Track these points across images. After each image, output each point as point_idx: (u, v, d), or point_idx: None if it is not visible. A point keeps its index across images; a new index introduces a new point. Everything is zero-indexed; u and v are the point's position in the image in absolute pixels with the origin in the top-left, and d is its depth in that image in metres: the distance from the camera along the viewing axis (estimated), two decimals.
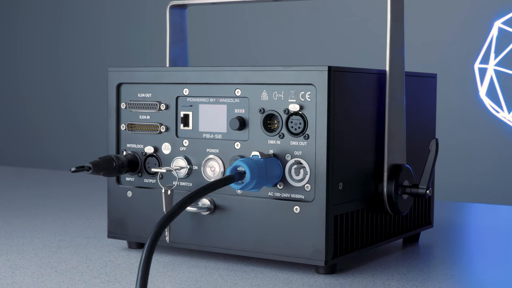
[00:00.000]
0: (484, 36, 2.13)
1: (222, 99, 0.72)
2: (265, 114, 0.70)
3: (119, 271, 0.69)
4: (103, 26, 2.61)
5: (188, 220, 0.73)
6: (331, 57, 2.32)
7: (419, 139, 0.80)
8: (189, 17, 0.85)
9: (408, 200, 0.75)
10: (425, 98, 0.83)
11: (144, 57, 2.55)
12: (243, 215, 0.71)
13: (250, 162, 0.66)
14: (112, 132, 0.78)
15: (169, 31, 0.85)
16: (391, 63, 0.72)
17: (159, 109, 0.75)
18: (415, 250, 0.80)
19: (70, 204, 1.07)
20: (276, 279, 0.67)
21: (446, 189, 2.05)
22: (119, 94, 0.77)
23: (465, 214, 1.09)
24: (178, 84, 0.74)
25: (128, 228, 0.77)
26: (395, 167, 0.73)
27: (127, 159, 0.76)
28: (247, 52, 2.44)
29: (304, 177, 0.68)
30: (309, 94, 0.67)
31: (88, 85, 2.64)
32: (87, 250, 0.78)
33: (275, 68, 0.69)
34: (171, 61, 0.85)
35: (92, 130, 2.59)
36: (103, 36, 2.61)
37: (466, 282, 0.68)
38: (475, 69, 2.13)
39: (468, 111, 2.18)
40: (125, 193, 0.77)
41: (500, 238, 0.89)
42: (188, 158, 0.74)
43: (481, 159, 2.18)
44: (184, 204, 0.61)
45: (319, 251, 0.67)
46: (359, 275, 0.69)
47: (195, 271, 0.70)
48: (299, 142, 0.68)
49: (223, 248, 0.72)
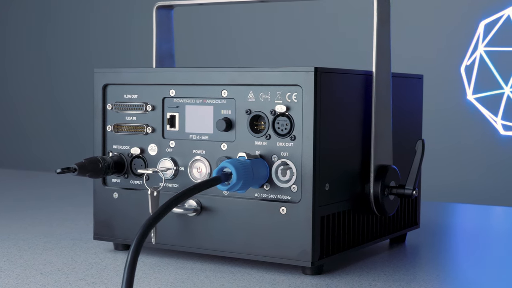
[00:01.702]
0: (470, 37, 2.14)
1: (209, 100, 0.72)
2: (252, 115, 0.70)
3: (105, 273, 0.69)
4: (91, 27, 2.61)
5: (175, 222, 0.73)
6: (318, 58, 2.32)
7: (405, 140, 0.80)
8: (176, 18, 0.85)
9: (395, 200, 0.75)
10: (412, 99, 0.83)
11: (131, 57, 2.54)
12: (230, 216, 0.70)
13: (237, 163, 0.66)
14: (98, 133, 0.77)
15: (156, 32, 0.85)
16: (377, 64, 0.72)
17: (145, 110, 0.75)
18: (402, 251, 0.80)
19: (56, 206, 1.07)
20: (263, 280, 0.67)
21: (433, 189, 2.06)
22: (105, 95, 0.77)
23: (451, 214, 1.09)
24: (164, 85, 0.74)
25: (114, 229, 0.76)
26: (382, 168, 0.73)
27: (113, 160, 0.75)
28: (233, 53, 2.44)
29: (291, 178, 0.68)
30: (296, 95, 0.67)
31: (75, 86, 2.63)
32: (73, 252, 0.78)
33: (262, 69, 0.69)
34: (158, 62, 0.85)
35: (79, 131, 2.58)
36: (90, 37, 2.60)
37: (452, 282, 0.68)
38: (461, 70, 2.13)
39: (455, 112, 2.19)
40: (111, 194, 0.77)
41: (486, 239, 0.89)
42: (174, 159, 0.73)
43: (467, 160, 2.19)
44: (170, 206, 0.61)
45: (305, 252, 0.67)
46: (346, 275, 0.69)
47: (181, 273, 0.69)
48: (285, 143, 0.68)
49: (209, 249, 0.72)
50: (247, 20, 2.42)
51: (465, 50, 2.13)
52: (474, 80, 2.10)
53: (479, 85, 2.11)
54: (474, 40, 2.10)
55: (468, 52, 2.10)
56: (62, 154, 2.62)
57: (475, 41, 2.10)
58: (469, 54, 2.09)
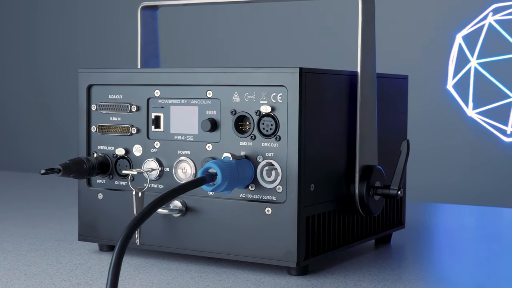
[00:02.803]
0: (453, 37, 2.14)
1: (194, 100, 0.72)
2: (237, 115, 0.69)
3: (89, 274, 0.69)
4: (78, 27, 2.60)
5: (160, 222, 0.73)
6: (303, 59, 2.32)
7: (390, 141, 0.80)
8: (161, 18, 0.85)
9: (380, 201, 0.75)
10: (397, 99, 0.83)
11: (116, 58, 2.54)
12: (215, 217, 0.70)
13: (222, 164, 0.66)
14: (82, 134, 0.77)
15: (141, 32, 0.85)
16: (362, 65, 0.73)
17: (130, 110, 0.75)
18: (387, 251, 0.80)
19: (41, 207, 1.06)
20: (248, 280, 0.67)
21: (418, 190, 2.06)
22: (89, 95, 0.77)
23: (436, 214, 1.09)
24: (149, 85, 0.74)
25: (99, 230, 0.76)
26: (367, 168, 0.73)
27: (98, 161, 0.75)
28: (219, 53, 2.44)
29: (276, 178, 0.68)
30: (281, 96, 0.67)
31: (61, 86, 2.62)
32: (57, 253, 0.77)
33: (247, 70, 0.69)
34: (143, 62, 0.85)
35: (66, 131, 2.58)
36: (78, 37, 2.59)
37: (437, 282, 0.68)
38: (448, 70, 2.14)
39: (440, 112, 2.19)
40: (96, 195, 0.76)
41: (471, 238, 0.89)
42: (159, 160, 0.73)
43: (452, 160, 2.20)
44: (155, 206, 0.61)
45: (291, 252, 0.67)
46: (331, 276, 0.69)
47: (166, 274, 0.69)
48: (270, 144, 0.68)
49: (194, 250, 0.71)
50: (232, 20, 2.42)
51: (448, 51, 2.13)
52: (453, 70, 2.11)
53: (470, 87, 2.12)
54: (456, 45, 2.11)
55: (452, 51, 2.11)
56: (48, 154, 2.61)
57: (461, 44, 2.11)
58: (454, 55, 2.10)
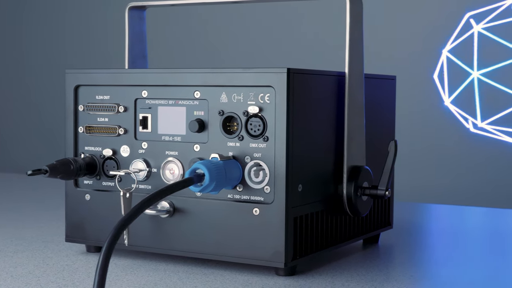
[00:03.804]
0: (446, 38, 2.15)
1: (181, 101, 0.72)
2: (225, 116, 0.69)
3: (76, 275, 0.68)
4: (66, 27, 2.59)
5: (147, 223, 0.72)
6: (290, 59, 2.32)
7: (378, 141, 0.80)
8: (149, 18, 0.85)
9: (368, 201, 0.75)
10: (385, 100, 0.83)
11: (103, 58, 2.53)
12: (203, 218, 0.70)
13: (209, 164, 0.66)
14: (69, 135, 0.77)
15: (128, 32, 0.85)
16: (350, 65, 0.73)
17: (117, 111, 0.74)
18: (375, 251, 0.80)
19: (28, 208, 1.06)
20: (236, 281, 0.67)
21: (406, 190, 2.07)
22: (76, 96, 0.77)
23: (424, 215, 1.10)
24: (136, 86, 0.73)
25: (86, 231, 0.76)
26: (355, 168, 0.73)
27: (85, 162, 0.75)
28: (206, 54, 2.44)
29: (264, 179, 0.68)
30: (268, 96, 0.67)
31: (49, 86, 2.61)
32: (44, 254, 0.77)
33: (234, 70, 0.69)
34: (130, 63, 0.85)
35: (53, 132, 2.57)
36: (66, 37, 2.58)
37: (425, 282, 0.68)
38: (435, 70, 2.14)
39: (427, 113, 2.20)
40: (83, 196, 0.76)
41: (459, 238, 0.90)
42: (147, 161, 0.73)
43: (440, 160, 2.21)
44: (142, 207, 0.61)
45: (278, 253, 0.67)
46: (319, 276, 0.69)
47: (154, 275, 0.69)
48: (258, 144, 0.68)
49: (182, 251, 0.71)
50: (220, 21, 2.41)
51: (439, 52, 2.14)
52: (447, 85, 2.11)
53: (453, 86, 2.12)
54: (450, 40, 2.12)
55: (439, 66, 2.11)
56: (36, 155, 2.61)
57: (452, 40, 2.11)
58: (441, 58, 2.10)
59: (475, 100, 2.05)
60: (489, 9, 2.00)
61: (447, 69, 2.05)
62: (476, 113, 2.07)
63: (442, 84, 2.07)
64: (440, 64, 2.08)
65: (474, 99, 2.04)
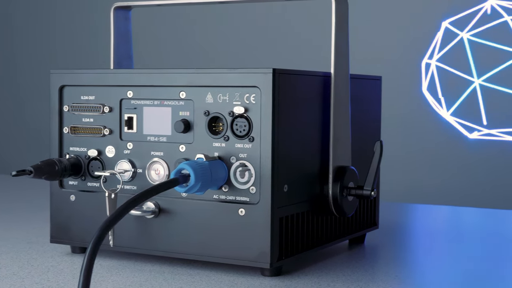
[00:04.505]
0: (429, 39, 2.16)
1: (167, 101, 0.71)
2: (210, 116, 0.69)
3: (61, 276, 0.68)
4: (51, 27, 2.58)
5: (133, 224, 0.72)
6: (276, 60, 2.32)
7: (364, 141, 0.81)
8: (134, 18, 0.85)
9: (353, 201, 0.75)
10: (370, 100, 0.83)
11: (89, 58, 2.52)
12: (188, 218, 0.70)
13: (195, 165, 0.66)
14: (54, 135, 0.76)
15: (113, 32, 0.84)
16: (335, 66, 0.73)
17: (102, 111, 0.74)
18: (361, 251, 0.80)
19: (12, 209, 1.05)
20: (222, 282, 0.67)
21: (392, 190, 2.07)
22: (61, 96, 0.76)
23: (410, 215, 1.10)
24: (122, 86, 0.73)
25: (71, 232, 0.76)
26: (340, 169, 0.73)
27: (70, 162, 0.75)
28: (192, 54, 2.44)
29: (249, 179, 0.68)
30: (254, 97, 0.67)
31: (33, 87, 2.60)
32: (29, 255, 0.77)
33: (220, 71, 0.69)
34: (116, 63, 0.84)
35: (38, 132, 2.56)
36: (50, 37, 2.57)
37: (411, 282, 0.68)
38: (422, 68, 2.15)
39: (413, 113, 2.21)
40: (68, 197, 0.76)
41: (444, 238, 0.90)
42: (132, 161, 0.73)
43: (425, 160, 2.21)
44: (128, 208, 0.60)
45: (264, 253, 0.67)
46: (305, 276, 0.69)
47: (139, 275, 0.69)
48: (244, 145, 0.68)
49: (168, 251, 0.71)
50: (206, 21, 2.41)
51: (424, 52, 2.14)
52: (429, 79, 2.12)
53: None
54: (434, 42, 2.12)
55: (426, 55, 2.12)
56: (21, 156, 2.59)
57: (434, 43, 2.12)
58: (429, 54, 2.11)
59: (479, 106, 2.06)
60: (466, 15, 2.01)
61: (438, 78, 2.06)
62: (482, 119, 2.08)
63: (434, 95, 2.08)
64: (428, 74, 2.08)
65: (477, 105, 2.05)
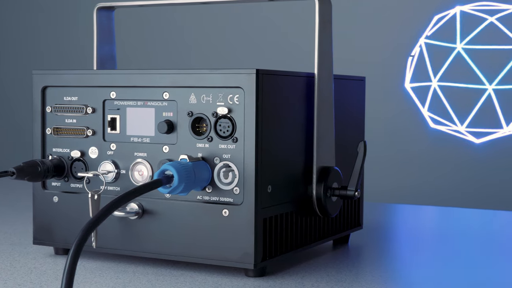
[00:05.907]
0: (415, 37, 2.16)
1: (150, 102, 0.71)
2: (194, 117, 0.69)
3: (44, 278, 0.68)
4: (34, 27, 2.57)
5: (116, 225, 0.72)
6: (260, 60, 2.32)
7: (348, 142, 0.81)
8: (117, 19, 0.84)
9: (337, 202, 0.75)
10: (354, 101, 0.83)
11: (72, 59, 2.51)
12: (172, 219, 0.70)
13: (178, 166, 0.66)
14: (37, 136, 0.76)
15: (97, 33, 0.84)
16: (319, 66, 0.73)
17: (85, 112, 0.74)
18: (345, 252, 0.80)
19: None
20: (205, 283, 0.67)
21: (375, 191, 2.08)
22: (44, 97, 0.76)
23: (394, 215, 1.10)
24: (105, 87, 0.73)
25: (54, 234, 0.75)
26: (324, 169, 0.73)
27: (53, 163, 0.74)
28: (175, 55, 2.43)
29: (233, 180, 0.67)
30: (238, 97, 0.67)
31: (15, 87, 2.59)
32: (11, 257, 0.76)
33: (203, 71, 0.69)
34: (99, 64, 0.84)
35: (21, 133, 2.54)
36: (34, 38, 2.56)
37: (395, 282, 0.68)
38: (407, 66, 2.16)
39: (397, 114, 2.21)
40: (51, 198, 0.75)
41: (428, 239, 0.90)
42: (115, 162, 0.73)
43: (409, 161, 2.22)
44: (111, 209, 0.60)
45: (248, 254, 0.67)
46: (289, 277, 0.69)
47: (123, 277, 0.69)
48: (227, 145, 0.68)
49: (151, 252, 0.71)
50: (189, 22, 2.41)
51: (408, 52, 2.15)
52: (412, 72, 2.13)
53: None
54: (423, 37, 2.13)
55: (412, 51, 2.12)
56: (4, 156, 2.58)
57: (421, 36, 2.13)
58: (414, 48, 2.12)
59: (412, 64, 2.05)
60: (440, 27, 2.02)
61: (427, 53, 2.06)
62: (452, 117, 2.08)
63: (415, 92, 2.08)
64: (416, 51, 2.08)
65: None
